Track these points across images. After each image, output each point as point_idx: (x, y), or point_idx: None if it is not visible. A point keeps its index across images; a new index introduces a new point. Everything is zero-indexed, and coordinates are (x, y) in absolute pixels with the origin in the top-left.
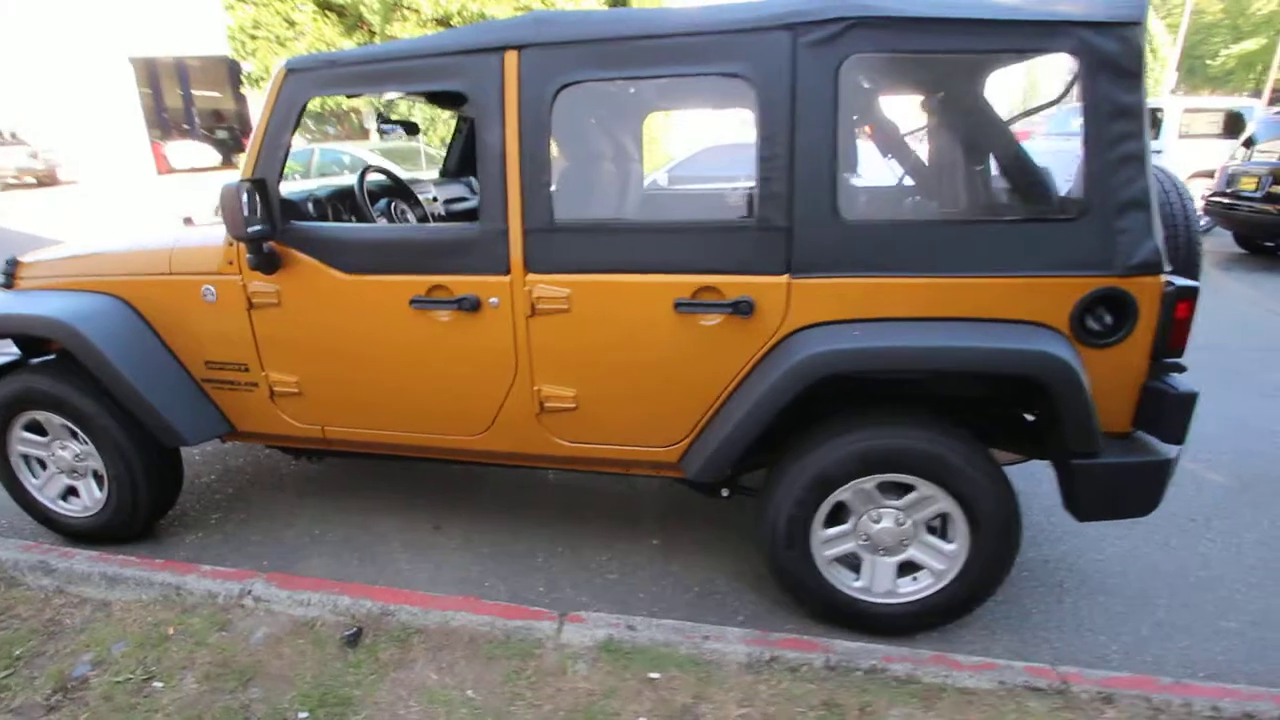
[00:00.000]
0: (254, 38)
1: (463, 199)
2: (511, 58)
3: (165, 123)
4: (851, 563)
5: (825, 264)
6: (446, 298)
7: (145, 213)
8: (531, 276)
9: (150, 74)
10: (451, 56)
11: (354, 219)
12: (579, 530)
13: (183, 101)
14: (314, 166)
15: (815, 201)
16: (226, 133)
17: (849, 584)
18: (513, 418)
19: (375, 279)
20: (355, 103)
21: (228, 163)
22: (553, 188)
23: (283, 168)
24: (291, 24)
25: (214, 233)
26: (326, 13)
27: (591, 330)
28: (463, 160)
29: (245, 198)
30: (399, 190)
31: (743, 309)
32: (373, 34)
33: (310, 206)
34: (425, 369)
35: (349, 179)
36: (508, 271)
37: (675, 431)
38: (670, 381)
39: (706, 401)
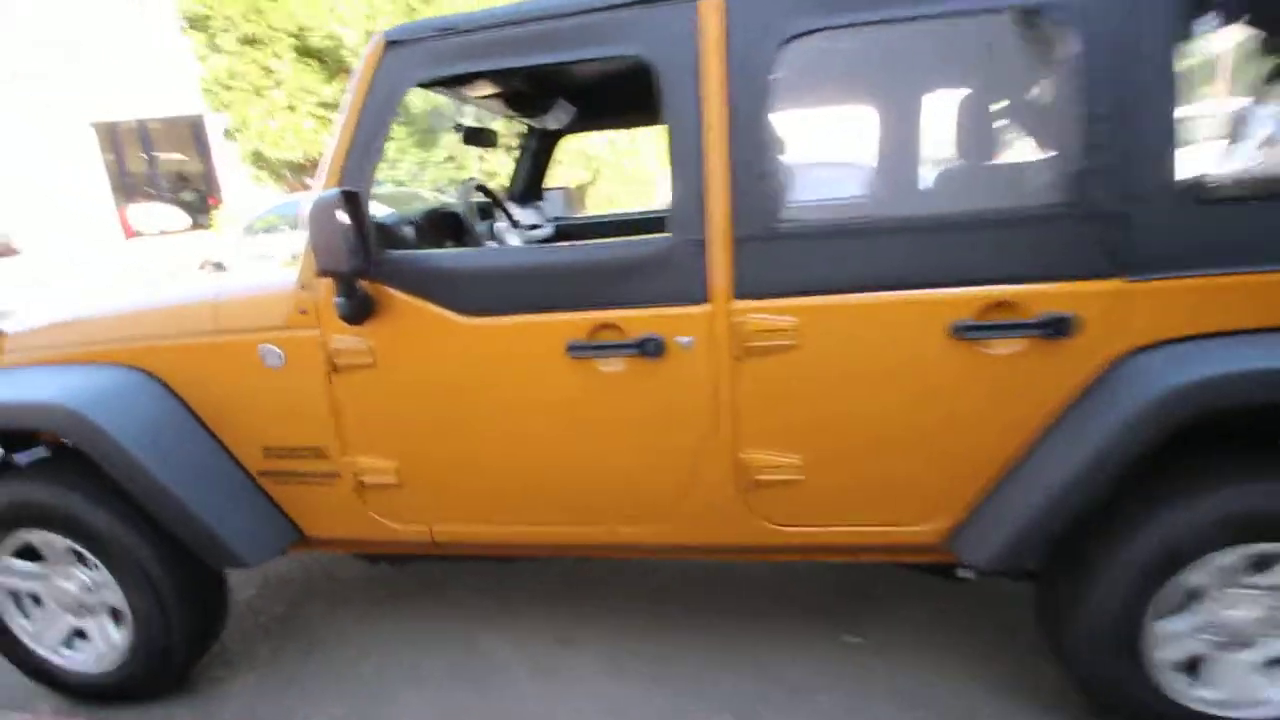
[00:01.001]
0: (229, 89)
1: (535, 226)
2: (712, 5)
3: (129, 187)
4: (1186, 663)
5: (1179, 259)
6: (618, 340)
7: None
8: (741, 303)
9: (113, 138)
10: (621, 10)
11: (453, 247)
12: (751, 630)
13: (146, 165)
14: (301, 219)
15: (1162, 174)
16: (193, 195)
17: (1194, 695)
18: (707, 499)
19: (513, 321)
20: None
21: (196, 225)
22: (775, 178)
23: (372, 178)
24: (269, 72)
25: (268, 279)
26: (306, 59)
27: (827, 371)
28: (531, 181)
29: (343, 214)
30: (498, 212)
31: (1056, 329)
32: None
33: (410, 231)
34: (584, 440)
35: (430, 200)
36: (706, 299)
37: (943, 503)
38: (940, 435)
39: (995, 460)
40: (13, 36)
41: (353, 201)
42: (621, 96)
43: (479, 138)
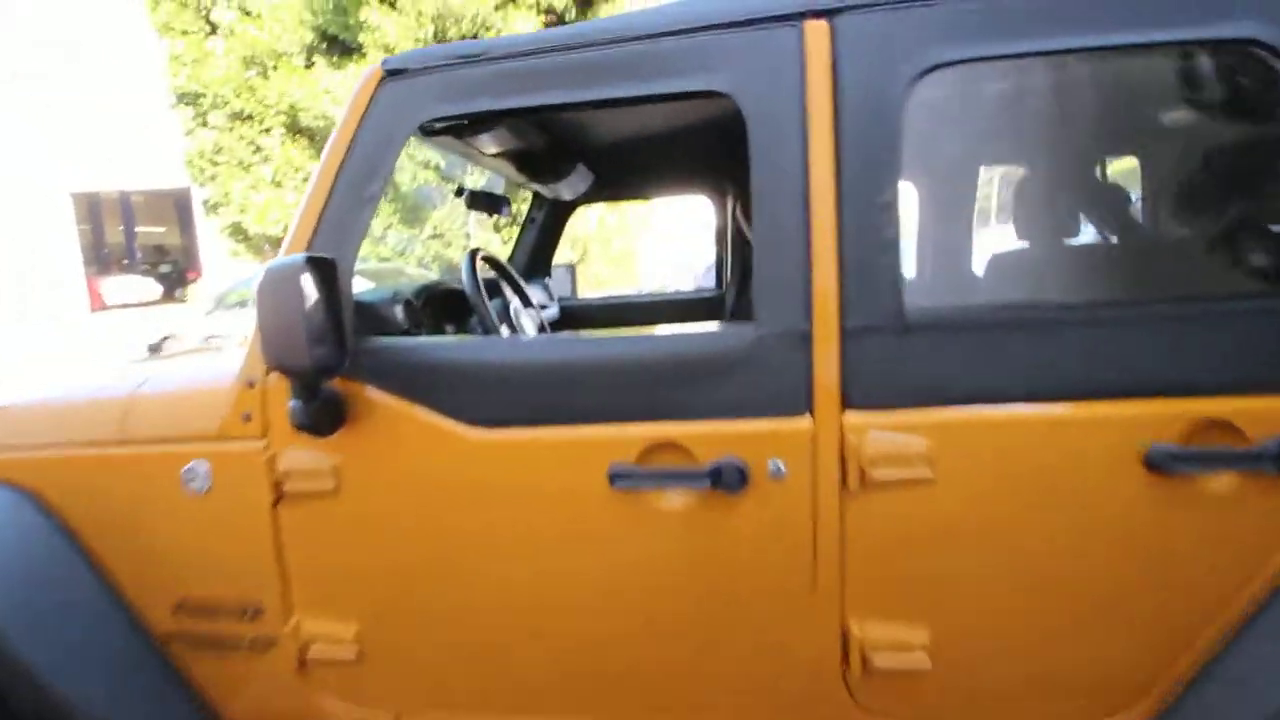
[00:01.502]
0: (215, 163)
1: (543, 306)
2: (820, 28)
3: (105, 258)
4: None
5: None
6: (682, 467)
7: (75, 350)
8: (855, 416)
9: (92, 209)
10: (701, 34)
11: (455, 332)
12: None
13: (124, 236)
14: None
15: None
16: (170, 266)
17: None
18: (798, 685)
19: (536, 436)
20: None
21: (169, 296)
22: (902, 249)
23: (358, 244)
24: (258, 148)
25: (205, 368)
26: (296, 137)
27: (971, 513)
28: (538, 257)
29: (310, 289)
30: (508, 290)
31: None
32: None
33: (399, 313)
34: (629, 604)
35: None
36: (807, 410)
37: (1122, 700)
38: (1128, 606)
39: (1205, 632)
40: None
41: (326, 272)
42: (656, 157)
43: (487, 202)
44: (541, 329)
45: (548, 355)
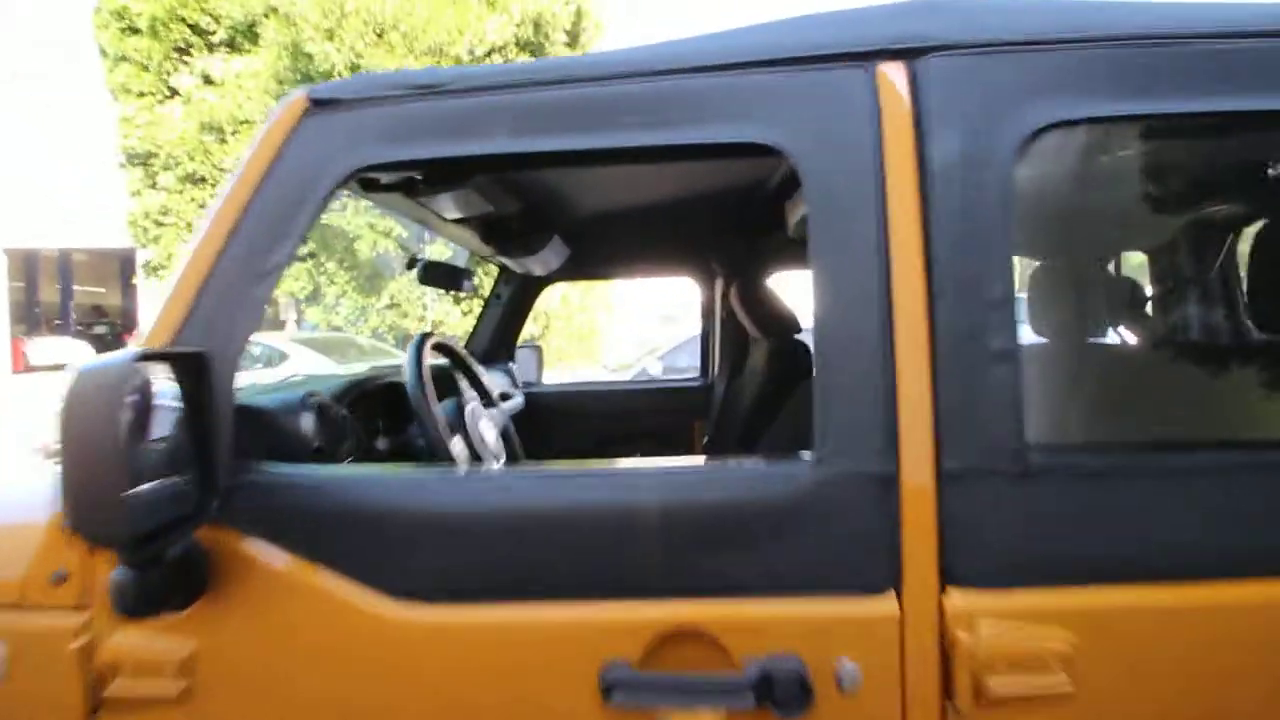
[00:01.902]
0: (160, 224)
1: (506, 395)
2: (896, 75)
3: (36, 318)
4: None
5: None
6: (712, 675)
7: None
8: (962, 597)
9: (28, 266)
10: (736, 73)
11: (391, 444)
12: None
13: (60, 295)
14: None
15: None
16: (106, 328)
17: None
18: None
19: (496, 617)
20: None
21: None
22: (1020, 358)
23: (251, 328)
24: None
25: (24, 487)
26: None
27: None
28: (503, 337)
29: (146, 405)
30: (469, 383)
31: None
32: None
33: (310, 424)
34: None
35: (361, 367)
36: (889, 585)
37: None
38: None
39: None
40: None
41: (190, 372)
42: (642, 232)
43: (444, 277)
44: (506, 437)
45: (514, 495)
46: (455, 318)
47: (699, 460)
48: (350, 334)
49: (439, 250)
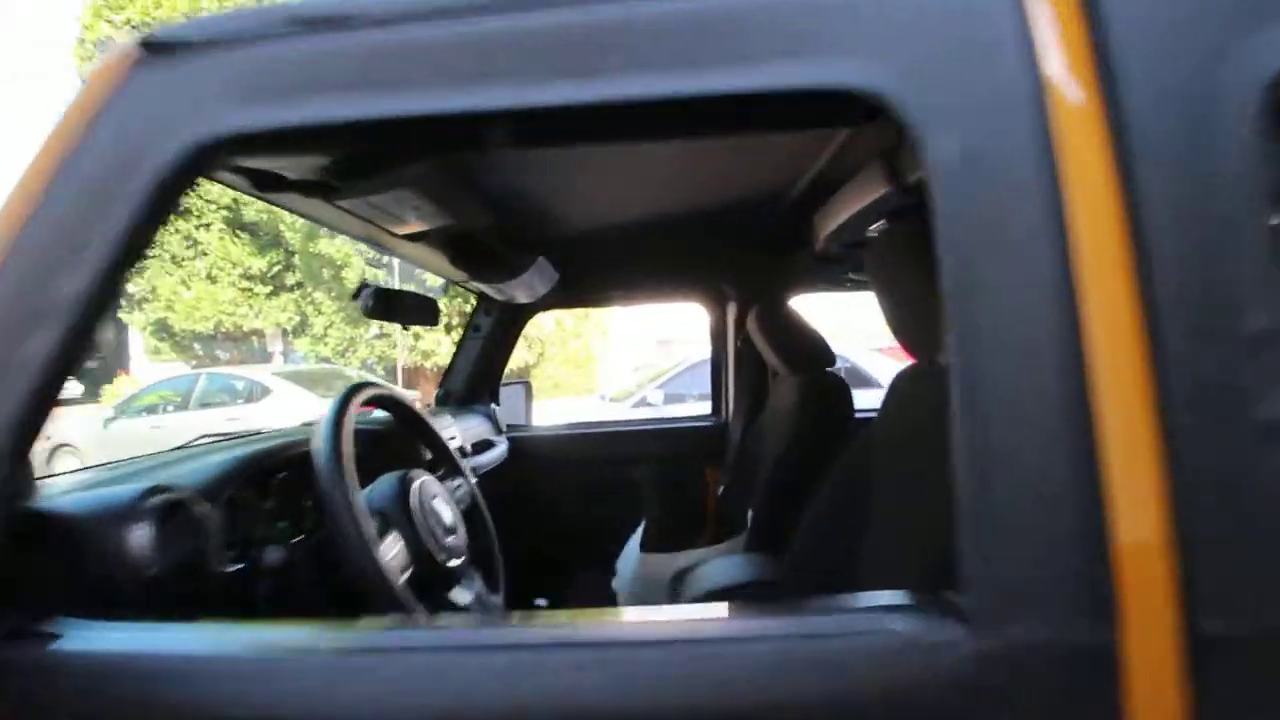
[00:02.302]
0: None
1: (487, 444)
2: None
3: None
4: None
5: None
6: None
7: None
8: None
9: None
10: None
11: (300, 553)
12: None
13: None
14: (195, 397)
15: None
16: (98, 362)
17: None
18: None
19: None
20: (257, 322)
21: (91, 395)
22: None
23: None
24: (195, 243)
25: None
26: (238, 232)
27: None
28: (483, 375)
29: None
30: (425, 445)
31: None
32: (291, 254)
33: (145, 537)
34: None
35: (284, 425)
36: None
37: None
38: None
39: None
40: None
41: None
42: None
43: (398, 308)
44: (471, 511)
45: (448, 685)
46: (446, 347)
47: (757, 615)
48: (338, 366)
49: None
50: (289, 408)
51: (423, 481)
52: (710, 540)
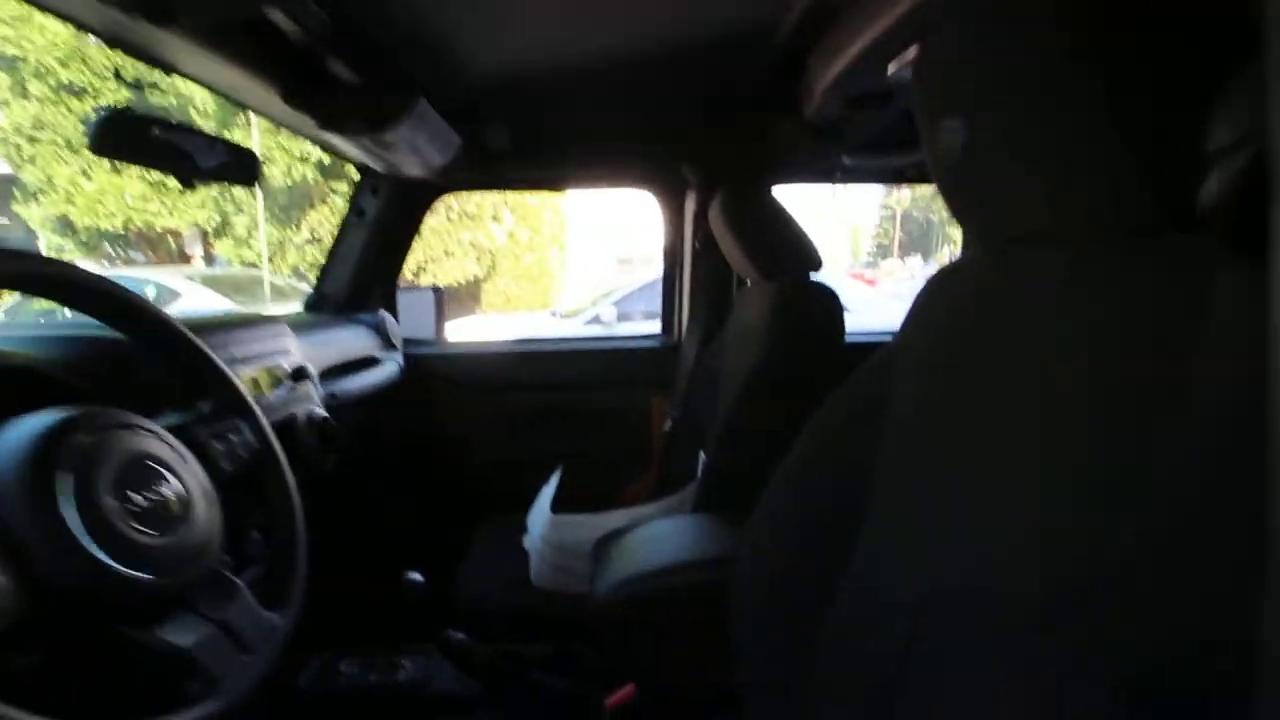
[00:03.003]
0: (34, 140)
1: (369, 362)
2: None
3: None
4: None
5: None
6: None
7: None
8: None
9: None
10: None
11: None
12: None
13: None
14: None
15: None
16: None
17: None
18: None
19: None
20: (173, 221)
21: None
22: None
23: None
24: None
25: None
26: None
27: None
28: (363, 276)
29: None
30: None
31: None
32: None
33: None
34: None
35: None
36: None
37: None
38: None
39: None
40: None
41: None
42: (578, 116)
43: (145, 146)
44: (254, 475)
45: None
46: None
47: None
48: (265, 272)
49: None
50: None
51: (108, 433)
52: (651, 491)
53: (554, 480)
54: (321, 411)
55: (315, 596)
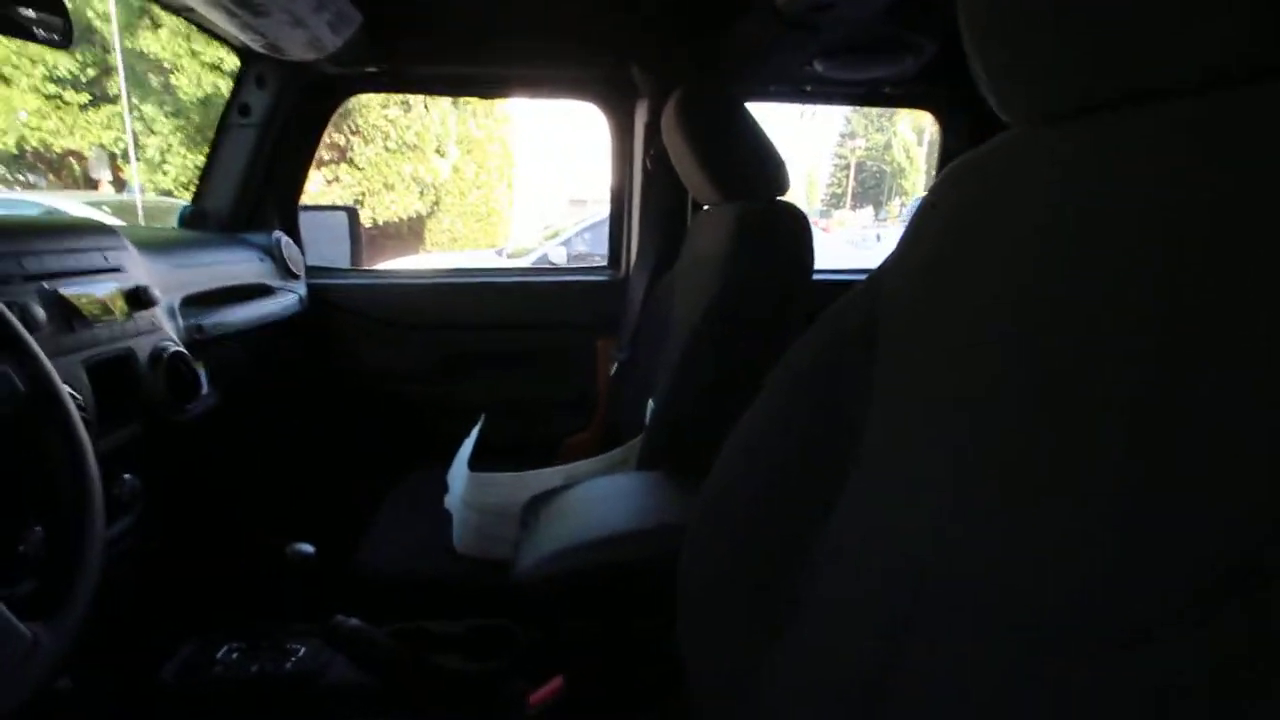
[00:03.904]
0: None
1: (262, 290)
2: None
3: None
4: None
5: None
6: None
7: None
8: None
9: None
10: None
11: None
12: None
13: None
14: None
15: None
16: None
17: None
18: None
19: None
20: (74, 141)
21: None
22: None
23: None
24: None
25: None
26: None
27: None
28: (253, 184)
29: None
30: None
31: None
32: (106, 52)
33: None
34: None
35: None
36: None
37: None
38: None
39: None
40: None
41: None
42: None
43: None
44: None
45: None
46: (340, 189)
47: None
48: (182, 200)
49: None
50: None
51: None
52: (599, 443)
53: (475, 432)
54: (174, 347)
55: (184, 574)
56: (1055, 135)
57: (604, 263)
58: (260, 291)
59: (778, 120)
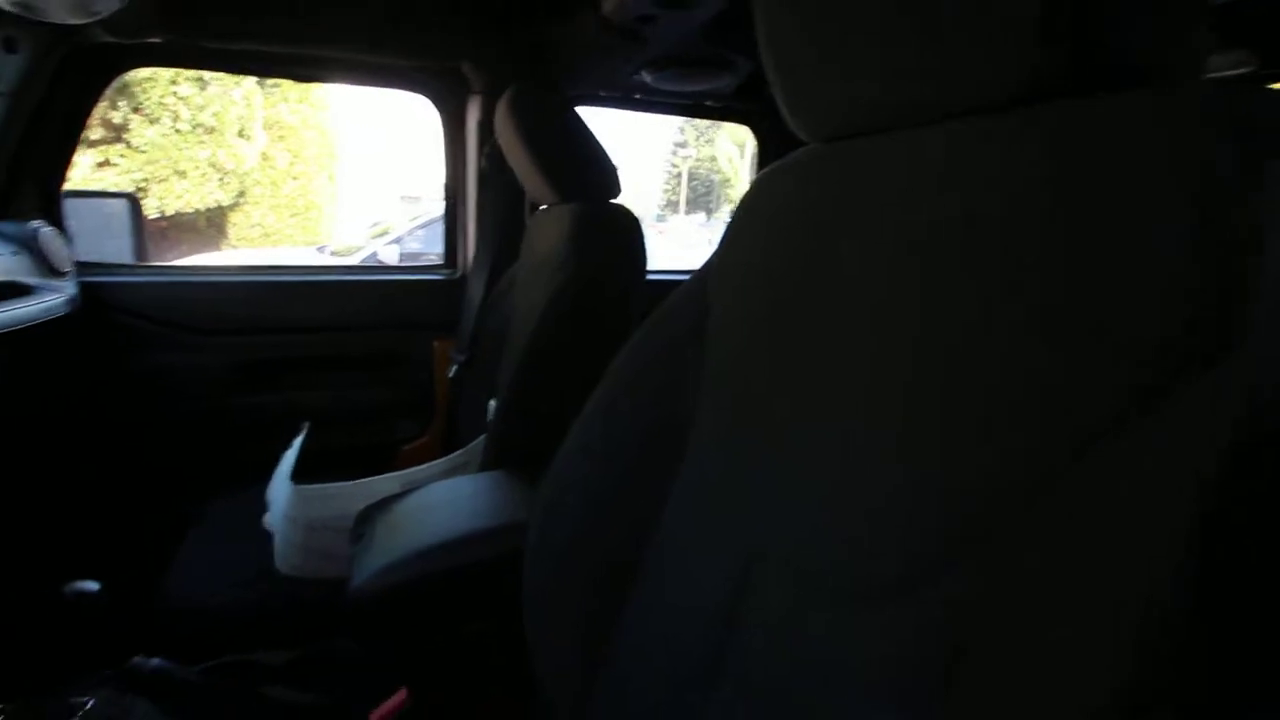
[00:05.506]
0: None
1: (18, 290)
2: None
3: None
4: None
5: None
6: None
7: None
8: None
9: None
10: None
11: None
12: None
13: None
14: None
15: None
16: None
17: None
18: None
19: None
20: None
21: None
22: None
23: None
24: None
25: None
26: None
27: None
28: (10, 161)
29: None
30: None
31: None
32: None
33: None
34: None
35: None
36: None
37: None
38: None
39: None
40: None
41: None
42: None
43: None
44: None
45: None
46: (85, 170)
47: None
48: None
49: None
50: None
51: None
52: (438, 449)
53: (297, 443)
54: None
55: None
56: (837, 151)
57: (439, 261)
58: (12, 291)
59: (621, 126)
